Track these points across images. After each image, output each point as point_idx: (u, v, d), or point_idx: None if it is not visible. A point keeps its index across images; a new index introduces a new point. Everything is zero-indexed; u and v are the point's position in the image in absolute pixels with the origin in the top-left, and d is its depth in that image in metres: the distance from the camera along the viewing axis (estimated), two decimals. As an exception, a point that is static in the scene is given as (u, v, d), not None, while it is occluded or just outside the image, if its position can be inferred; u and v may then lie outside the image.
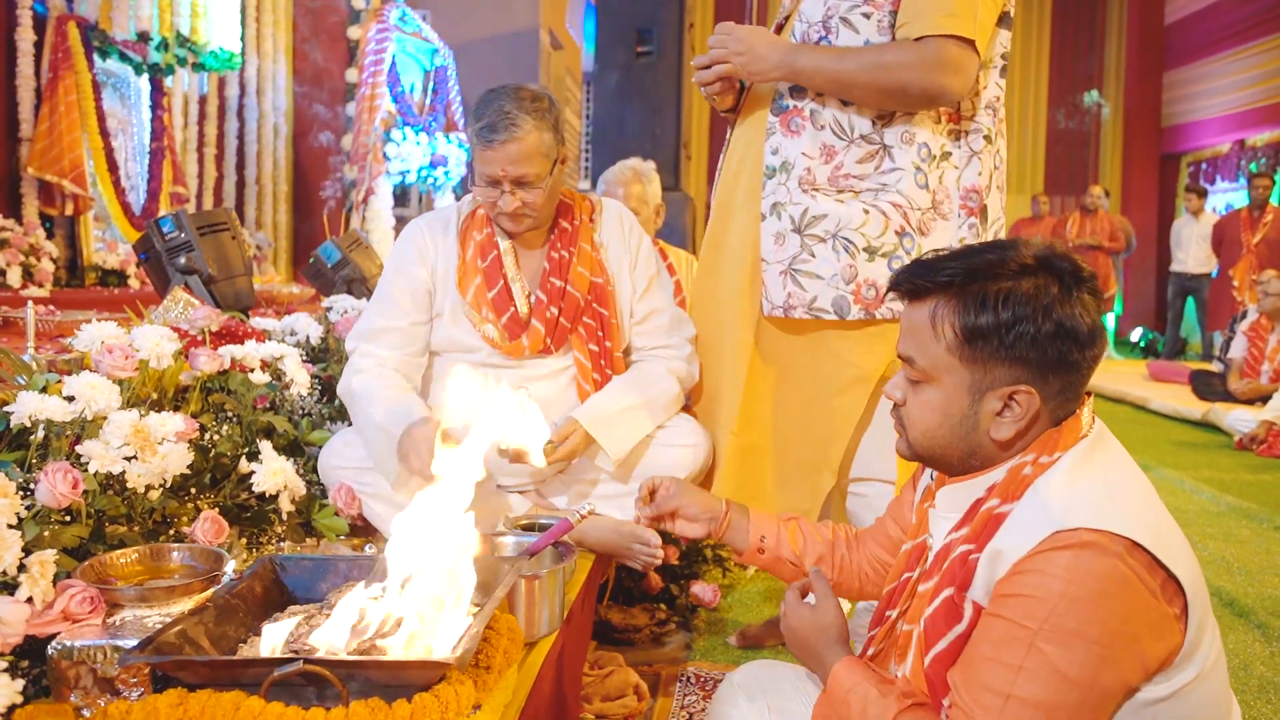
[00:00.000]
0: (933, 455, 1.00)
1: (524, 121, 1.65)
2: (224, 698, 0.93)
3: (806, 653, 1.08)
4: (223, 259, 2.54)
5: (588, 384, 1.81)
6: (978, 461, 0.98)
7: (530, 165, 1.67)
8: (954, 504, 1.00)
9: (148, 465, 1.41)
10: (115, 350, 1.58)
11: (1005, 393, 0.94)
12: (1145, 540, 0.85)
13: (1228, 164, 9.60)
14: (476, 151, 1.70)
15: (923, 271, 0.98)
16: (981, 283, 0.94)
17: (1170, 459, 4.63)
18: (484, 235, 1.81)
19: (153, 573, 1.28)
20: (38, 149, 4.33)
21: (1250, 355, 5.81)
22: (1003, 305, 0.92)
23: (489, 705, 1.05)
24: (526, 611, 1.28)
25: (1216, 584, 2.81)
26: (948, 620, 0.93)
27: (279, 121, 6.58)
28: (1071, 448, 0.93)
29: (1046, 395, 0.94)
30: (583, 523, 1.37)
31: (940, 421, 0.97)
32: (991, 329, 0.92)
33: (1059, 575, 0.84)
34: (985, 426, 0.95)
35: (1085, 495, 0.88)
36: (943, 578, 0.95)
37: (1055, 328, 0.91)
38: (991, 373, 0.94)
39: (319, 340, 2.24)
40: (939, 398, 0.97)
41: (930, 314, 0.96)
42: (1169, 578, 0.86)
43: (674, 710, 1.90)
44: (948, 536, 0.98)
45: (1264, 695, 2.10)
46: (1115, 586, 0.83)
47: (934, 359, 0.96)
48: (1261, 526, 3.46)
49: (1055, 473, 0.91)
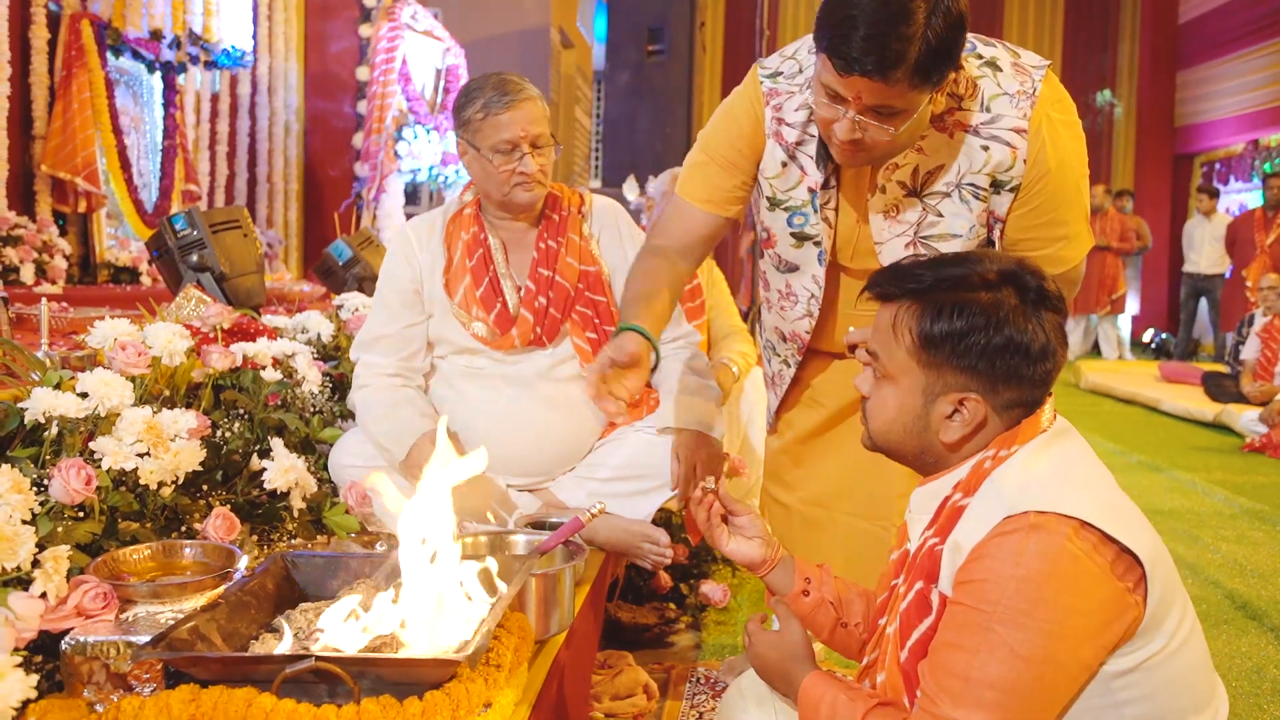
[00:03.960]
0: (889, 448, 1.06)
1: (529, 88, 1.73)
2: (236, 694, 0.93)
3: (776, 677, 1.09)
4: (234, 256, 2.55)
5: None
6: (931, 459, 1.03)
7: (542, 126, 1.72)
8: (926, 505, 1.04)
9: (160, 462, 1.42)
10: (128, 347, 1.58)
11: (955, 399, 0.98)
12: (1093, 517, 0.88)
13: (1241, 164, 9.53)
14: (486, 124, 1.69)
15: (894, 277, 1.03)
16: (943, 292, 0.98)
17: (1182, 461, 4.60)
18: (470, 234, 1.80)
19: (165, 569, 1.28)
20: (51, 146, 4.35)
21: (1263, 357, 5.76)
22: (957, 315, 0.96)
23: (499, 703, 1.05)
24: (537, 610, 1.28)
25: (1229, 587, 2.79)
26: (919, 614, 0.96)
27: (290, 119, 6.60)
28: (1029, 441, 0.97)
29: (996, 405, 0.98)
30: (593, 521, 1.37)
31: (895, 417, 1.03)
32: (944, 337, 0.97)
33: (1008, 559, 0.88)
34: (935, 428, 1.00)
35: (1035, 480, 0.92)
36: (914, 573, 0.99)
37: (1005, 341, 0.95)
38: (944, 378, 0.98)
39: (330, 338, 2.24)
40: (896, 396, 1.02)
41: (893, 317, 1.01)
42: (1122, 551, 0.88)
43: (684, 710, 1.90)
44: (921, 536, 1.02)
45: (1277, 699, 2.08)
46: (1063, 565, 0.86)
47: (894, 359, 1.01)
48: (1275, 529, 3.43)
49: (1010, 464, 0.96)
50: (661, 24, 4.68)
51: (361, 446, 1.77)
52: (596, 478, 1.80)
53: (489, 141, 1.70)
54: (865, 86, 1.22)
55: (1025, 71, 1.39)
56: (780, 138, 1.48)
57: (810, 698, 1.00)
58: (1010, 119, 1.37)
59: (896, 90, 1.22)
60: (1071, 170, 1.41)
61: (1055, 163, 1.38)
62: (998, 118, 1.37)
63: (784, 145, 1.48)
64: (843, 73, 1.23)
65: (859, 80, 1.22)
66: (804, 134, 1.46)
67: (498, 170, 1.71)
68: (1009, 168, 1.38)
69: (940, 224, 1.44)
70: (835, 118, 1.30)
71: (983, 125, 1.38)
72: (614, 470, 1.79)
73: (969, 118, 1.38)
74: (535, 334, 1.78)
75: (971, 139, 1.39)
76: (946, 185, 1.42)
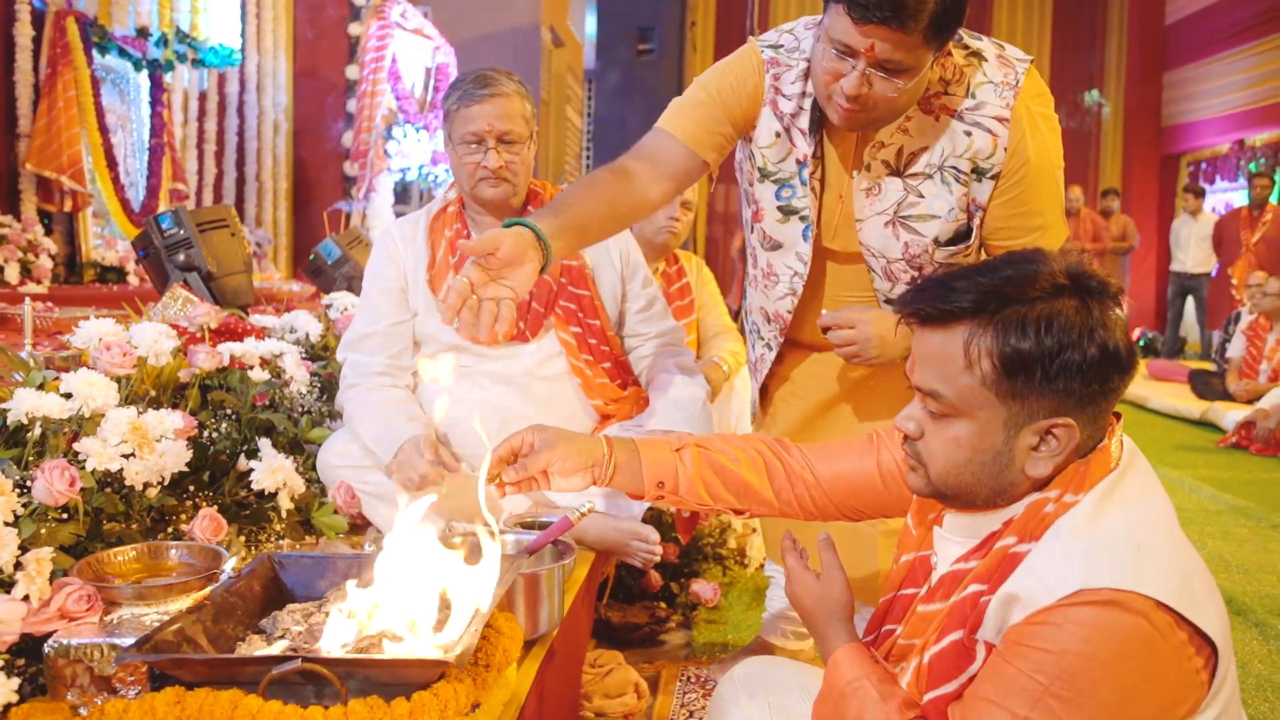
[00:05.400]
0: (958, 492, 0.92)
1: (507, 83, 1.73)
2: (222, 696, 0.93)
3: (811, 624, 1.06)
4: (222, 256, 2.54)
5: (578, 361, 1.81)
6: (1005, 500, 0.91)
7: (514, 123, 1.71)
8: (965, 530, 0.95)
9: (145, 463, 1.41)
10: (113, 347, 1.57)
11: (1043, 426, 0.86)
12: (1171, 599, 0.81)
13: (1227, 164, 9.60)
14: (458, 114, 1.72)
15: (942, 294, 0.88)
16: (1016, 306, 0.85)
17: (1169, 458, 4.64)
18: (454, 230, 1.81)
19: (151, 571, 1.27)
20: (36, 145, 4.32)
21: (1249, 355, 5.81)
22: (1046, 330, 0.84)
23: (488, 704, 1.04)
24: (526, 609, 1.28)
25: (1215, 582, 2.80)
26: (958, 663, 0.88)
27: (279, 118, 6.57)
28: (1099, 483, 0.87)
29: (1083, 425, 0.87)
30: (582, 520, 1.36)
31: (970, 458, 0.89)
32: (1035, 358, 0.84)
33: (1077, 634, 0.80)
34: (1020, 463, 0.88)
35: (1109, 547, 0.83)
36: (951, 616, 0.90)
37: (1100, 352, 0.84)
38: (1029, 406, 0.86)
39: (319, 338, 2.23)
40: (969, 433, 0.88)
41: (964, 344, 0.87)
42: (1195, 632, 0.82)
43: (674, 708, 1.90)
44: (954, 564, 0.94)
45: (1261, 693, 2.10)
46: (1135, 646, 0.80)
47: (964, 392, 0.87)
48: (1259, 525, 3.46)
49: (1077, 514, 0.85)
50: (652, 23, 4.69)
51: (350, 447, 1.77)
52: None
53: (459, 133, 1.73)
54: (881, 36, 1.25)
55: (1010, 64, 1.44)
56: (776, 107, 1.51)
57: (843, 675, 0.95)
58: (994, 107, 1.41)
59: (911, 41, 1.26)
60: (1049, 162, 1.45)
61: (1035, 153, 1.42)
62: (982, 104, 1.41)
63: (779, 115, 1.52)
64: (859, 21, 1.25)
65: (876, 29, 1.25)
66: (799, 107, 1.49)
67: (463, 162, 1.74)
68: (990, 155, 1.42)
69: (920, 204, 1.48)
70: (843, 71, 1.32)
71: (967, 111, 1.42)
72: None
73: (955, 102, 1.42)
74: (518, 328, 1.78)
75: (956, 123, 1.43)
76: (929, 167, 1.46)
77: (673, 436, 1.22)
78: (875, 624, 1.07)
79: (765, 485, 1.19)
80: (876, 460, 1.18)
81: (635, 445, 1.20)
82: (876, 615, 1.07)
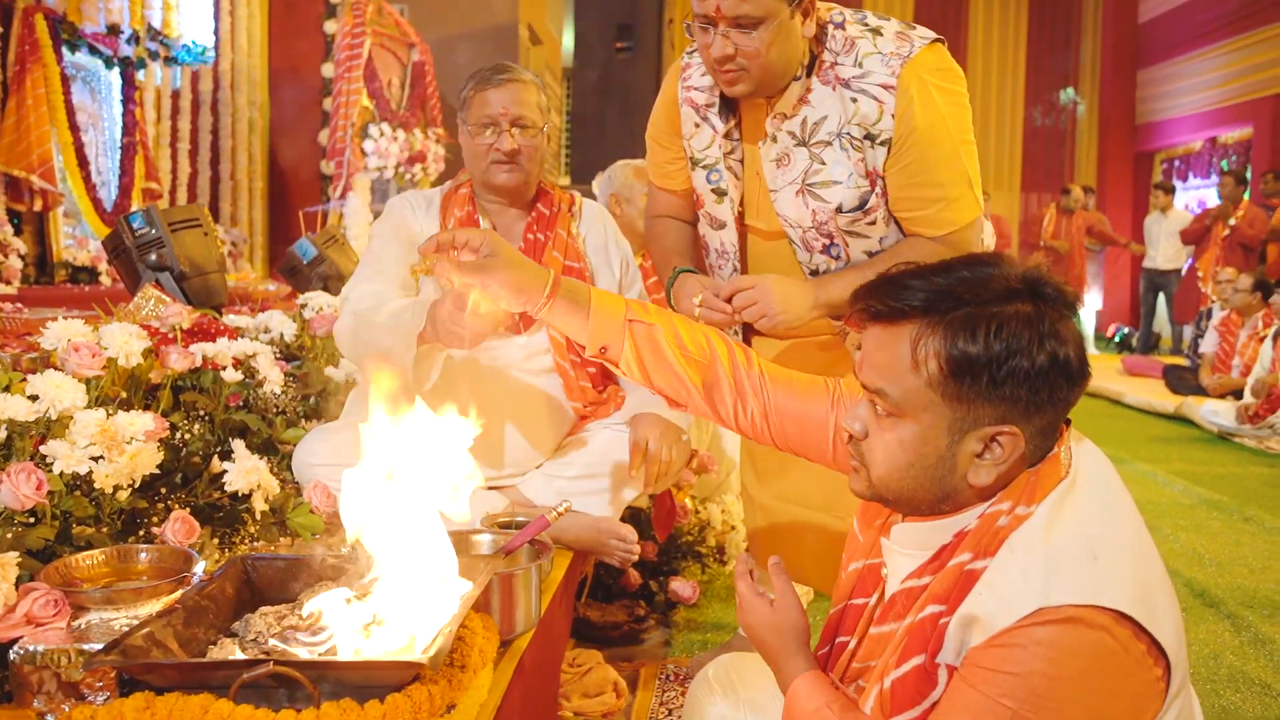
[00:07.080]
0: (900, 496, 0.90)
1: (523, 72, 1.78)
2: (192, 701, 0.91)
3: (766, 652, 1.02)
4: (194, 255, 2.51)
5: (564, 360, 1.80)
6: (949, 506, 0.89)
7: (528, 109, 1.74)
8: (915, 542, 0.92)
9: (115, 465, 1.39)
10: (82, 348, 1.55)
11: (988, 433, 0.84)
12: (1131, 609, 0.79)
13: (1200, 161, 9.73)
14: (474, 99, 1.75)
15: (895, 291, 0.86)
16: (967, 308, 0.83)
17: (1144, 452, 4.69)
18: (464, 212, 1.81)
19: (120, 574, 1.25)
20: (5, 144, 4.25)
21: (1221, 350, 5.90)
22: (995, 334, 0.81)
23: (464, 705, 1.04)
24: (502, 609, 1.27)
25: (1188, 575, 2.84)
26: (920, 688, 0.86)
27: (254, 116, 6.50)
28: (1050, 494, 0.85)
29: (1029, 435, 0.85)
30: (559, 519, 1.36)
31: (913, 461, 0.87)
32: (981, 362, 0.82)
33: (1040, 654, 0.78)
34: (963, 470, 0.86)
35: (1066, 560, 0.81)
36: (910, 639, 0.88)
37: (1049, 361, 0.82)
38: (974, 411, 0.84)
39: (293, 337, 2.21)
40: (913, 436, 0.86)
41: (912, 343, 0.85)
42: (1154, 643, 0.81)
43: (653, 707, 1.90)
44: (907, 580, 0.91)
45: (1233, 684, 2.13)
46: (1100, 662, 0.79)
47: (910, 393, 0.85)
48: (1231, 518, 3.51)
49: (1031, 528, 0.83)
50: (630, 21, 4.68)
51: (326, 445, 1.75)
52: (564, 476, 1.79)
53: (474, 116, 1.75)
54: None
55: (908, 39, 1.52)
56: (691, 102, 1.67)
57: (802, 709, 0.93)
58: (879, 75, 1.50)
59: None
60: (944, 133, 1.51)
61: (923, 122, 1.49)
62: (868, 74, 1.51)
63: (696, 108, 1.67)
64: None
65: None
66: (710, 96, 1.64)
67: (477, 144, 1.75)
68: (876, 120, 1.50)
69: (823, 171, 1.56)
70: (709, 42, 1.43)
71: (853, 79, 1.52)
72: (582, 468, 1.79)
73: (846, 72, 1.52)
74: (514, 321, 1.78)
75: (844, 91, 1.52)
76: (829, 135, 1.55)
77: (635, 304, 1.16)
78: (828, 636, 1.04)
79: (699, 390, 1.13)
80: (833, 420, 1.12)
81: (589, 299, 1.13)
82: (829, 626, 1.04)
